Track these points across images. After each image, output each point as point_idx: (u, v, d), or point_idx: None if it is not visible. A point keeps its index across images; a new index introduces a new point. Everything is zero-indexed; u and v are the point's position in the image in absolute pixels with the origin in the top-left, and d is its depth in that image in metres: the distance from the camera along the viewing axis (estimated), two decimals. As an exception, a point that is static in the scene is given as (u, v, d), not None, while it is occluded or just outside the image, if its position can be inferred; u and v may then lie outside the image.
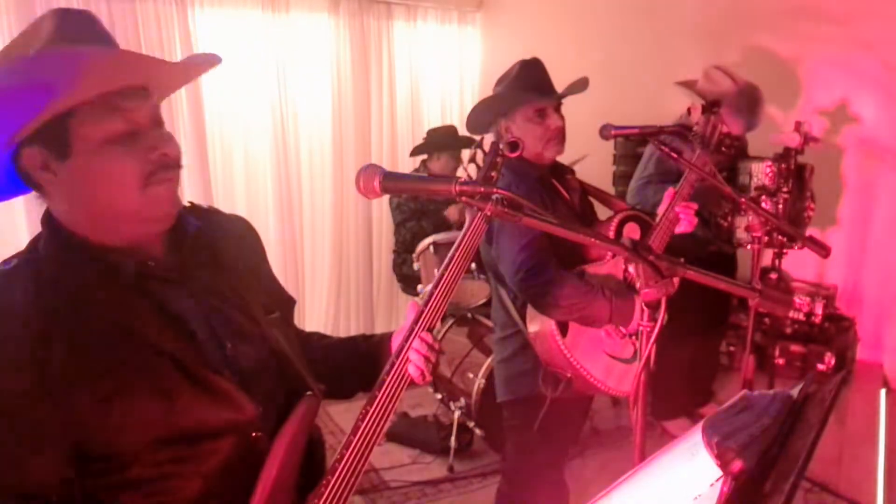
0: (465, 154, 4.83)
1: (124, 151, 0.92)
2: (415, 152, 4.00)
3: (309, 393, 1.06)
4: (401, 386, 1.05)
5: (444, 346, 3.47)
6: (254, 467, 0.98)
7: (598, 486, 0.80)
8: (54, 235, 0.97)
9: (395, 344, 1.19)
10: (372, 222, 4.68)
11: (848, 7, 3.56)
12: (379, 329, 4.69)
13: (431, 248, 3.56)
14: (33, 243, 0.99)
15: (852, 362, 3.74)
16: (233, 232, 1.16)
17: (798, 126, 2.88)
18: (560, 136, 2.00)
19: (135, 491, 0.93)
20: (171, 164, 0.98)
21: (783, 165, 2.84)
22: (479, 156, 1.27)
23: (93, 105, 0.90)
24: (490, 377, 3.05)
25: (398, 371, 1.05)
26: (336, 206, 4.50)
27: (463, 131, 4.26)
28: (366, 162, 1.13)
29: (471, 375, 3.21)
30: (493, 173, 1.20)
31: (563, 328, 1.84)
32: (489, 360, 3.07)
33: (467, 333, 3.47)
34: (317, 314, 4.57)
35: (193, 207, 1.12)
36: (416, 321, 1.08)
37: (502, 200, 1.04)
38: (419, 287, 3.73)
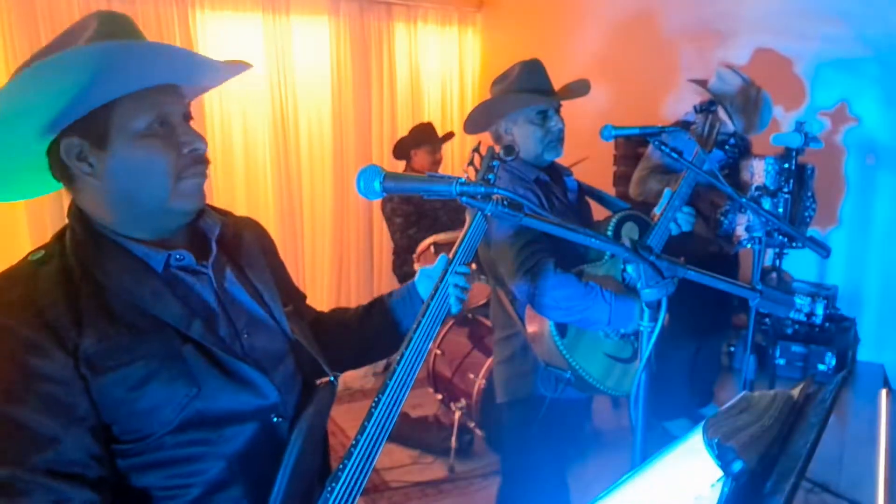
0: (451, 148, 4.84)
1: (161, 145, 0.98)
2: (396, 151, 4.02)
3: (326, 380, 1.11)
4: (439, 319, 1.15)
5: (445, 347, 3.48)
6: (275, 451, 1.02)
7: (598, 487, 0.80)
8: (82, 228, 1.00)
9: (422, 287, 1.33)
10: (372, 223, 4.68)
11: (848, 7, 3.56)
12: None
13: (432, 248, 3.56)
14: (59, 235, 1.02)
15: (853, 362, 3.74)
16: (248, 231, 1.22)
17: (799, 127, 2.89)
18: (561, 138, 2.00)
19: (161, 471, 0.97)
20: (201, 160, 1.03)
21: (784, 165, 2.84)
22: (476, 159, 1.29)
23: (133, 98, 0.94)
24: (490, 378, 3.05)
25: (438, 303, 1.16)
26: (336, 206, 4.50)
27: (449, 130, 4.30)
28: (366, 163, 1.14)
29: (471, 376, 3.21)
30: (490, 176, 1.26)
31: (562, 329, 1.84)
32: (489, 360, 3.07)
33: (468, 334, 3.47)
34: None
35: (210, 209, 1.17)
36: (451, 259, 1.22)
37: (502, 201, 1.04)
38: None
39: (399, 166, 4.08)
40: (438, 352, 3.48)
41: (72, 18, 3.20)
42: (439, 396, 3.49)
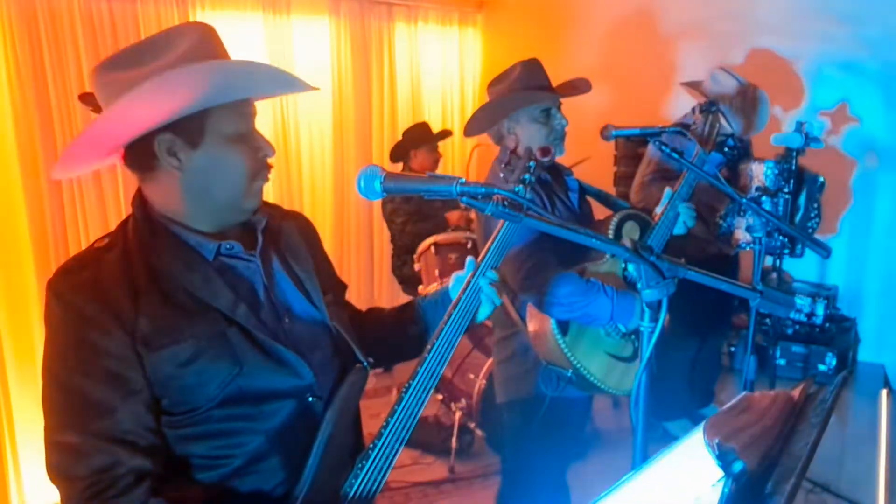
0: (451, 147, 4.84)
1: (243, 149, 1.10)
2: (394, 153, 4.01)
3: (359, 365, 1.19)
4: (467, 318, 1.23)
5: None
6: (310, 428, 1.11)
7: (599, 487, 0.80)
8: (145, 217, 1.10)
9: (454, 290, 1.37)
10: (373, 224, 4.68)
11: (848, 7, 3.56)
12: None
13: (433, 248, 3.56)
14: (123, 224, 1.12)
15: (853, 363, 3.74)
16: (294, 224, 1.31)
17: (799, 127, 2.89)
18: (564, 136, 2.00)
19: (205, 442, 1.06)
20: (269, 165, 1.16)
21: (784, 166, 2.84)
22: (511, 159, 1.32)
23: (226, 107, 1.06)
24: (491, 378, 3.05)
25: (466, 303, 1.23)
26: (337, 207, 4.50)
27: (450, 130, 4.30)
28: (366, 163, 1.16)
29: (472, 376, 3.21)
30: (527, 177, 1.35)
31: (564, 327, 1.84)
32: (490, 360, 3.07)
33: (468, 334, 3.47)
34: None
35: (264, 202, 1.27)
36: (480, 261, 1.29)
37: (503, 201, 1.04)
38: (420, 288, 3.73)
39: (398, 168, 4.08)
40: (439, 352, 3.47)
41: (72, 19, 3.20)
42: (440, 397, 3.49)
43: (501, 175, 1.84)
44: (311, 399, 1.13)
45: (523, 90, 1.98)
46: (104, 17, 3.37)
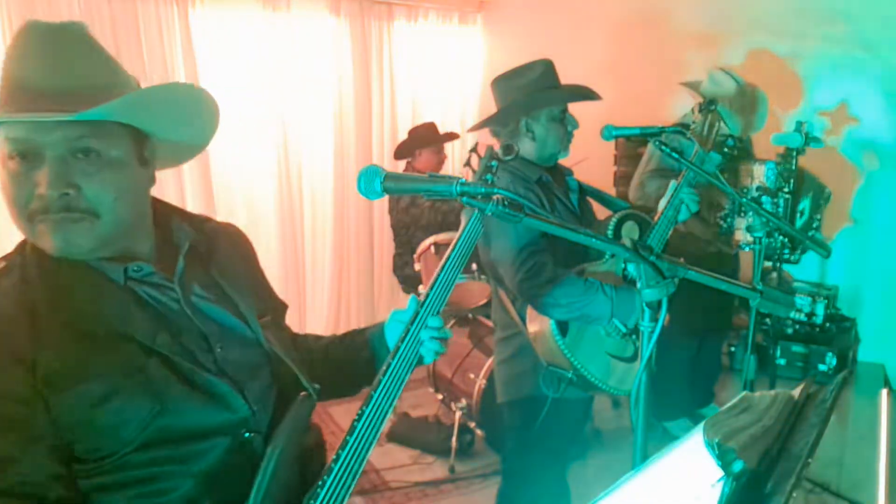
0: (452, 148, 4.84)
1: (5, 179, 0.94)
2: (399, 151, 4.00)
3: (304, 393, 1.05)
4: (407, 371, 1.06)
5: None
6: (248, 468, 0.98)
7: (599, 487, 0.80)
8: None
9: (391, 333, 1.22)
10: (373, 224, 4.68)
11: (848, 7, 3.55)
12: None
13: (433, 248, 3.55)
14: (21, 245, 1.00)
15: (853, 363, 3.74)
16: (226, 239, 1.18)
17: (799, 127, 2.89)
18: (571, 139, 2.02)
19: (126, 491, 0.93)
20: (55, 207, 0.96)
21: (784, 167, 2.84)
22: (473, 160, 1.27)
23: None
24: (491, 378, 3.05)
25: (403, 356, 1.06)
26: (337, 207, 4.50)
27: (449, 129, 4.28)
28: (367, 163, 1.14)
29: (472, 376, 3.21)
30: (489, 177, 1.21)
31: (563, 328, 1.84)
32: (490, 360, 3.07)
33: (468, 334, 3.47)
34: (318, 316, 4.57)
35: (187, 216, 1.14)
36: (419, 308, 1.10)
37: (503, 201, 1.04)
38: (420, 288, 3.72)
39: (399, 167, 4.07)
40: (439, 352, 3.47)
41: (71, 18, 3.19)
42: (440, 396, 3.49)
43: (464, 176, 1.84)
44: (247, 435, 1.01)
45: (549, 89, 1.97)
46: (104, 17, 3.38)
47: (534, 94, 1.96)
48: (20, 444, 0.87)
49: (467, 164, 1.27)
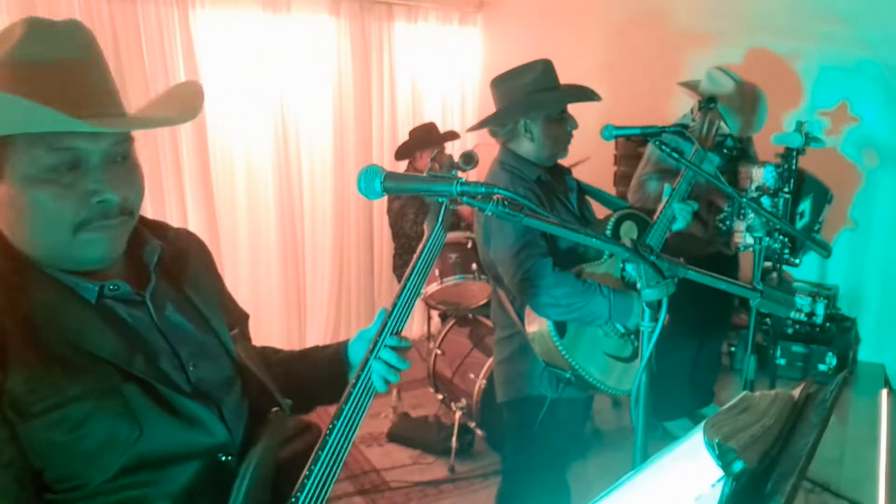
0: (453, 148, 4.84)
1: (57, 192, 0.90)
2: (400, 152, 4.00)
3: (276, 409, 1.05)
4: (367, 396, 1.04)
5: (445, 347, 3.48)
6: (223, 488, 0.96)
7: (599, 487, 0.80)
8: (4, 252, 0.92)
9: (355, 350, 1.21)
10: (373, 224, 4.68)
11: (848, 7, 3.55)
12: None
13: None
14: None
15: (854, 362, 3.74)
16: (188, 249, 1.14)
17: (800, 127, 2.88)
18: (570, 140, 2.01)
19: None
20: (111, 212, 0.96)
21: (785, 167, 2.84)
22: (434, 168, 1.23)
23: (31, 139, 0.87)
24: (491, 378, 3.05)
25: (364, 382, 1.05)
26: (337, 207, 4.50)
27: (445, 129, 4.28)
28: (367, 163, 1.12)
29: (472, 376, 3.21)
30: None
31: (561, 329, 1.84)
32: (490, 360, 3.07)
33: (468, 334, 3.47)
34: (318, 317, 4.57)
35: (147, 223, 1.09)
36: (381, 329, 1.08)
37: (503, 201, 1.04)
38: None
39: (400, 167, 4.07)
40: (439, 352, 3.48)
41: (71, 18, 3.19)
42: (440, 396, 3.49)
43: None
44: (223, 458, 0.99)
45: (548, 90, 1.97)
46: (104, 17, 3.38)
47: (533, 95, 1.96)
48: None
49: (429, 171, 1.23)
